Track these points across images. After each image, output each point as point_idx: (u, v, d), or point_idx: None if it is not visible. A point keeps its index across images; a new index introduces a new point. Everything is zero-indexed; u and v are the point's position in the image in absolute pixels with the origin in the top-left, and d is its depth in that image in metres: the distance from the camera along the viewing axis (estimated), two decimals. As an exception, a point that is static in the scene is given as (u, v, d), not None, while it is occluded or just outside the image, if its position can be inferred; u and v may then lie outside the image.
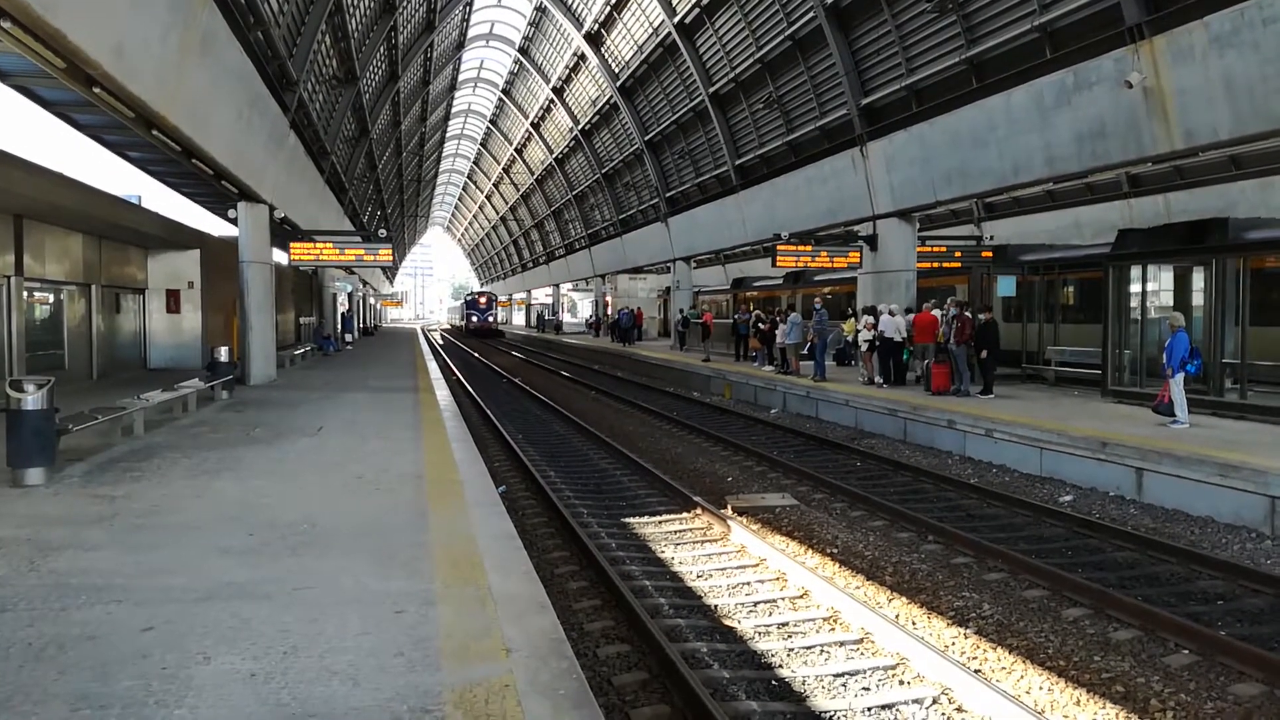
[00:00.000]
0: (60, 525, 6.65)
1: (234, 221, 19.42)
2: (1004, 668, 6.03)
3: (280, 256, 22.85)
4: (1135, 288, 15.22)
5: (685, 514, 10.25)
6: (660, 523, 9.94)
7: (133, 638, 4.44)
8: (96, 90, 10.71)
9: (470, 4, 43.25)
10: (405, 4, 31.07)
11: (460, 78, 57.52)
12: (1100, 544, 8.96)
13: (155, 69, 11.59)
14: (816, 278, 30.34)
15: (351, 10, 25.02)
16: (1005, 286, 19.21)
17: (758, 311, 27.81)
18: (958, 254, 22.09)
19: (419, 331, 69.57)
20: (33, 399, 8.03)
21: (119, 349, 20.72)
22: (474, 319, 69.11)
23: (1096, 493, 11.16)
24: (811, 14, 23.06)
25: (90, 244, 18.34)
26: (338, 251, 22.46)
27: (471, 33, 49.34)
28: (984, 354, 16.07)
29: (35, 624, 4.59)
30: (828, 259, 23.18)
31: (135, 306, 21.84)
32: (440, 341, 61.22)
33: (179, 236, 21.40)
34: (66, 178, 14.62)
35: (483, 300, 71.17)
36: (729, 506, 10.44)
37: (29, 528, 6.55)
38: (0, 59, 12.62)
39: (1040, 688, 5.70)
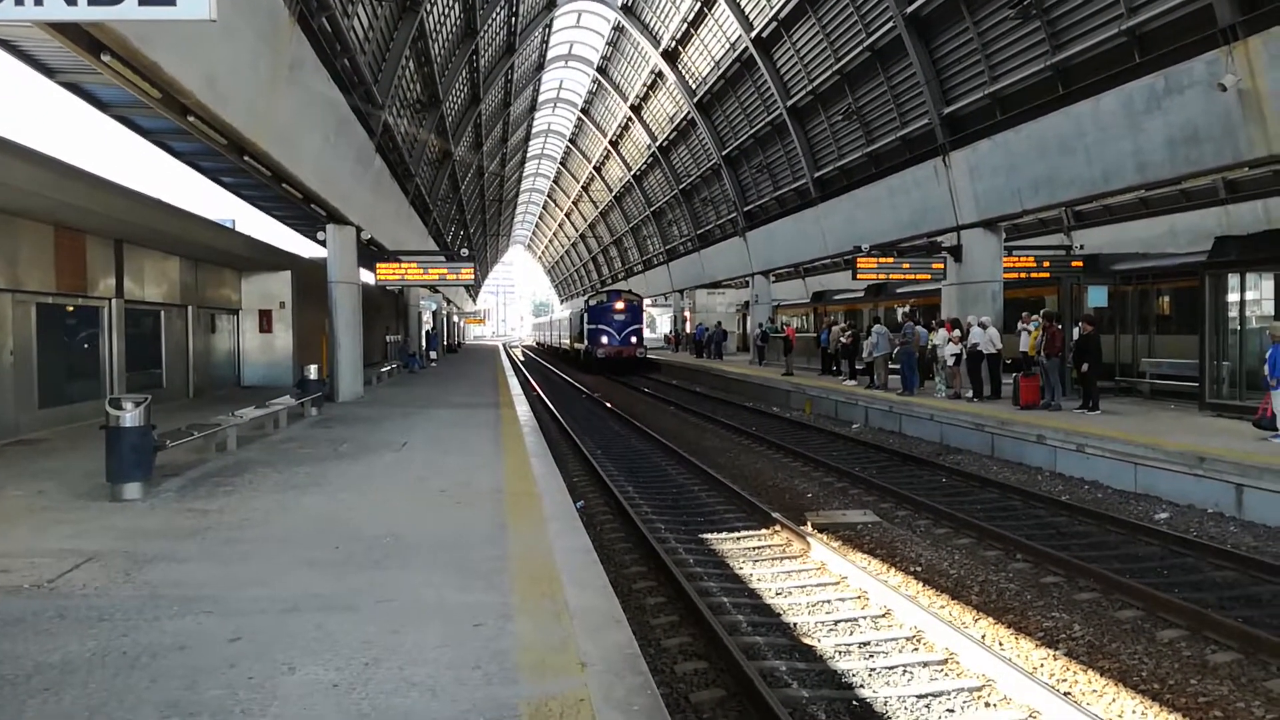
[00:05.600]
0: (155, 538, 6.90)
1: (323, 243, 19.97)
2: (1095, 691, 5.81)
3: (367, 276, 23.42)
4: (1234, 297, 14.59)
5: (764, 530, 10.16)
6: (738, 539, 9.86)
7: (221, 647, 4.57)
8: (191, 119, 11.16)
9: (550, 25, 43.95)
10: (486, 28, 31.71)
11: (540, 98, 58.39)
12: (1197, 563, 8.60)
13: (246, 97, 12.03)
14: (899, 290, 29.87)
15: (434, 35, 25.63)
16: (1097, 297, 18.61)
17: (840, 324, 27.47)
18: (1046, 264, 21.56)
19: (501, 348, 69.53)
20: (131, 416, 8.35)
21: (214, 367, 21.46)
22: (604, 339, 40.02)
23: (1194, 510, 10.72)
24: (891, 24, 22.80)
25: (187, 266, 19.07)
26: (422, 271, 22.91)
27: (551, 54, 50.12)
28: (1084, 367, 15.53)
29: (130, 633, 4.76)
30: (910, 271, 22.83)
31: (230, 326, 22.62)
32: (521, 358, 61.66)
33: (271, 258, 22.13)
34: (164, 203, 15.20)
35: (620, 307, 40.64)
36: (809, 523, 10.30)
37: (126, 540, 6.81)
38: (102, 91, 13.30)
39: (1133, 712, 5.48)
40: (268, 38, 12.47)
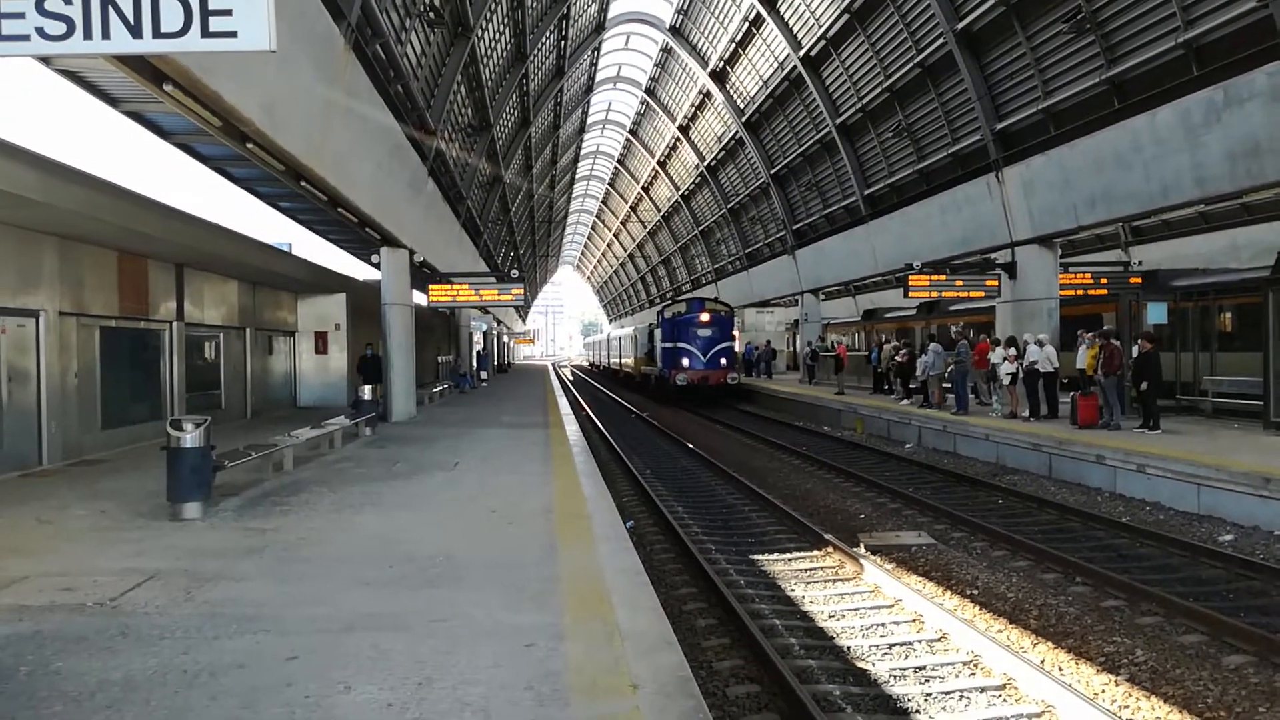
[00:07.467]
0: (214, 557, 7.02)
1: (377, 266, 20.29)
2: (1158, 718, 5.64)
3: (419, 298, 23.72)
4: (1299, 313, 14.19)
5: (816, 552, 10.05)
6: (790, 560, 9.78)
7: (278, 666, 4.62)
8: (249, 145, 11.42)
9: (599, 48, 44.35)
10: (536, 52, 32.09)
11: (589, 120, 58.85)
12: (1264, 586, 8.34)
13: (302, 124, 12.29)
14: (952, 308, 29.48)
15: (485, 61, 26.00)
16: (1156, 314, 18.21)
17: (892, 343, 27.18)
18: (1104, 280, 21.16)
19: (550, 368, 69.63)
20: (191, 437, 8.52)
21: (271, 388, 21.85)
22: (685, 361, 31.70)
23: (1259, 532, 10.38)
24: (941, 40, 22.64)
25: (245, 289, 19.47)
26: (473, 292, 23.10)
27: (600, 76, 50.52)
28: (1144, 386, 15.18)
29: (190, 651, 4.84)
30: (963, 288, 22.53)
31: (286, 348, 23.01)
32: (570, 378, 61.80)
33: (326, 281, 22.51)
34: (223, 228, 15.57)
35: (705, 319, 32.33)
36: (862, 545, 10.18)
37: (186, 559, 6.93)
38: (164, 119, 13.64)
39: (1204, 743, 5.31)
40: (324, 66, 12.73)
